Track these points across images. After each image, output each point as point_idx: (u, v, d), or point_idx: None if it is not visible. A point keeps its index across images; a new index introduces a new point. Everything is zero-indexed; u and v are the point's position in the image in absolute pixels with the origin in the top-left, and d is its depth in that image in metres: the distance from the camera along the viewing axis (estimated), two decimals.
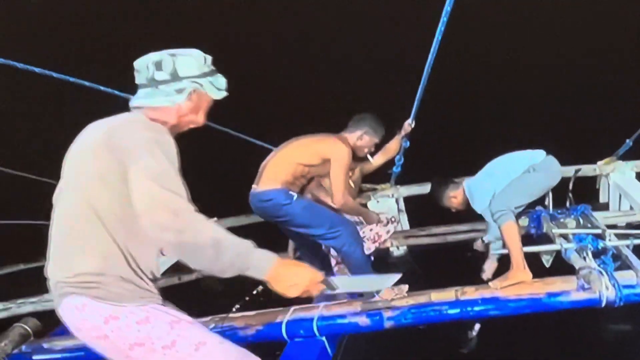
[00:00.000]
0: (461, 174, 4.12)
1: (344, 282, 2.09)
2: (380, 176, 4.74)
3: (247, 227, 4.75)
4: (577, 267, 3.18)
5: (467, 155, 4.14)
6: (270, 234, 3.66)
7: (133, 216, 1.73)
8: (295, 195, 3.28)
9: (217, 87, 2.06)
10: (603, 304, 2.94)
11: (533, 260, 3.40)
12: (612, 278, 3.00)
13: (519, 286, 3.19)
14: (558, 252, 3.57)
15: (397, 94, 4.20)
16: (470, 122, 6.21)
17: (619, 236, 3.49)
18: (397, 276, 2.56)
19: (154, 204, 1.69)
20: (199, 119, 2.10)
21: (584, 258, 3.28)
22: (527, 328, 3.39)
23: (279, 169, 3.36)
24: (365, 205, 4.75)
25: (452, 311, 3.12)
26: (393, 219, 4.32)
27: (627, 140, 4.58)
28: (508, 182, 3.57)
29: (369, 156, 3.83)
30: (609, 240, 3.41)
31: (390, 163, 4.55)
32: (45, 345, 3.30)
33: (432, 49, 3.33)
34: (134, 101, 2.02)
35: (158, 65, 1.97)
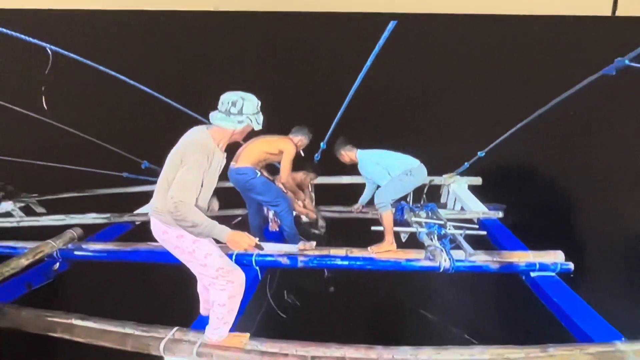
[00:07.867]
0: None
1: (268, 247, 4.02)
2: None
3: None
4: (426, 245, 4.49)
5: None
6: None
7: None
8: (258, 173, 4.68)
9: (258, 123, 3.26)
10: (441, 270, 4.28)
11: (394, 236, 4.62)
12: (449, 254, 4.35)
13: (388, 253, 4.47)
14: (412, 233, 4.84)
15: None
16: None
17: (456, 227, 4.83)
18: (297, 245, 4.45)
19: (173, 191, 2.91)
20: (241, 138, 3.31)
21: (431, 239, 4.59)
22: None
23: (251, 154, 4.73)
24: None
25: (342, 262, 4.38)
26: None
27: (465, 163, 5.87)
28: (391, 177, 4.76)
29: (301, 151, 5.08)
30: (449, 229, 4.73)
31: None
32: (84, 246, 4.92)
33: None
34: (215, 120, 3.17)
35: (233, 104, 3.16)
